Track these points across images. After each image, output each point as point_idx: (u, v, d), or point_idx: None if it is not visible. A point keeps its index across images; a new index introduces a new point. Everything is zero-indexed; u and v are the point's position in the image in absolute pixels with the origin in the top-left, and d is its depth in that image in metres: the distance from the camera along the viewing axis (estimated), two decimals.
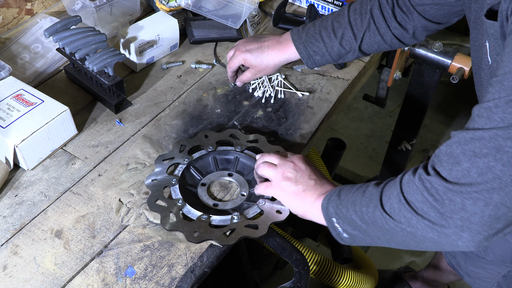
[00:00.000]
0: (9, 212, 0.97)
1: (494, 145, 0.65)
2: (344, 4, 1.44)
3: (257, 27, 1.48)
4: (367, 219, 0.79)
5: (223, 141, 1.10)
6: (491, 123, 0.66)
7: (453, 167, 0.68)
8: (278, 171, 0.94)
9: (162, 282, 0.86)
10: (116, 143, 1.12)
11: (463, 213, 0.67)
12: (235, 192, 1.03)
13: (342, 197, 0.84)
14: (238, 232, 0.92)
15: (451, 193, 0.68)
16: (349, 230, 0.83)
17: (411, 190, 0.73)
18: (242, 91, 1.26)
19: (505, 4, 0.71)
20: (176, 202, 0.96)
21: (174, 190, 0.99)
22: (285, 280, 1.12)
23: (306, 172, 0.93)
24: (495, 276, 1.16)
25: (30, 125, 1.03)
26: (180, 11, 1.42)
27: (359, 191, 0.83)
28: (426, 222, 0.70)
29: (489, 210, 0.66)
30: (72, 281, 0.86)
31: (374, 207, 0.77)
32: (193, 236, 0.90)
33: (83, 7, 1.35)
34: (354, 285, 1.43)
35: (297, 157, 0.96)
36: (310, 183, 0.92)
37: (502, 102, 0.65)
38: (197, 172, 1.05)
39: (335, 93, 1.27)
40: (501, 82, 0.66)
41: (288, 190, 0.92)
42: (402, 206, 0.73)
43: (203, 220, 0.93)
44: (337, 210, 0.84)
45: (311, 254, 1.35)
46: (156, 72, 1.31)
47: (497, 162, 0.65)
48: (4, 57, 1.28)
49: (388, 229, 0.76)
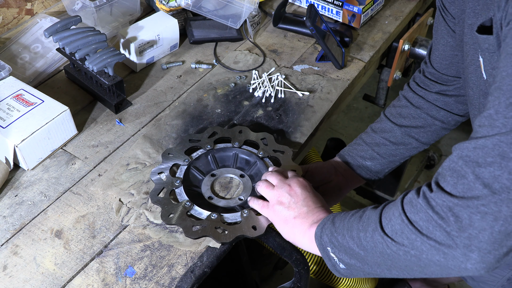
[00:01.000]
0: (9, 212, 0.97)
1: (498, 152, 0.61)
2: (344, 4, 1.44)
3: (257, 27, 1.48)
4: (365, 245, 0.74)
5: (221, 139, 1.10)
6: (493, 130, 0.62)
7: (458, 180, 0.64)
8: (274, 194, 0.91)
9: (162, 282, 0.86)
10: (116, 143, 1.12)
11: (471, 230, 0.62)
12: (235, 193, 1.03)
13: (337, 224, 0.80)
14: (261, 223, 0.92)
15: (457, 209, 0.63)
16: (345, 259, 0.78)
17: (414, 209, 0.68)
18: (242, 91, 1.26)
19: (498, 14, 0.70)
20: (183, 204, 0.95)
21: (179, 192, 0.98)
22: (285, 280, 1.12)
23: (301, 197, 0.89)
24: (500, 280, 1.14)
25: (30, 125, 1.03)
26: (180, 11, 1.42)
27: (355, 216, 0.78)
28: (432, 242, 0.65)
29: (499, 225, 0.61)
30: (72, 281, 0.86)
31: (373, 231, 0.73)
32: (192, 232, 0.90)
33: (83, 7, 1.35)
34: (354, 285, 1.43)
35: (295, 181, 0.92)
36: (302, 210, 0.88)
37: (502, 107, 0.62)
38: (198, 172, 1.05)
39: (335, 93, 1.27)
40: (500, 87, 0.63)
41: (280, 215, 0.89)
42: (405, 226, 0.68)
43: (213, 219, 0.93)
44: (331, 238, 0.79)
45: (311, 254, 1.35)
46: (156, 72, 1.31)
47: (503, 170, 0.60)
48: (4, 57, 1.28)
49: (389, 253, 0.71)
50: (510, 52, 0.64)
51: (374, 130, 1.14)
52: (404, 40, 1.48)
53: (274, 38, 1.45)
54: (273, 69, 1.32)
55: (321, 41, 1.26)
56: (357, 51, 1.40)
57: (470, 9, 0.83)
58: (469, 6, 0.83)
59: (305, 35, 1.45)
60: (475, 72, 0.85)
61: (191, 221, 0.92)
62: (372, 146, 1.12)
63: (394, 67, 1.56)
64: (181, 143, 1.07)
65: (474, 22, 0.81)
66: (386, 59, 1.61)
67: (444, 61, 1.06)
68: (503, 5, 0.69)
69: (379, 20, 1.52)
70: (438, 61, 1.07)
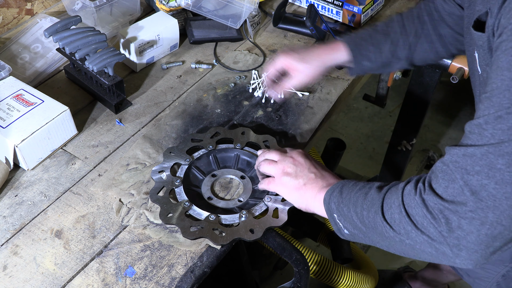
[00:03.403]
0: (9, 212, 0.97)
1: (486, 162, 0.65)
2: (344, 4, 1.44)
3: (257, 27, 1.48)
4: (367, 223, 0.79)
5: (223, 139, 1.10)
6: (482, 140, 0.66)
7: (449, 184, 0.69)
8: (278, 167, 0.94)
9: (162, 282, 0.86)
10: (116, 143, 1.12)
11: (459, 232, 0.67)
12: (235, 194, 1.03)
13: (344, 195, 0.84)
14: (262, 225, 0.93)
15: (447, 212, 0.68)
16: (349, 228, 0.83)
17: (412, 203, 0.72)
18: (242, 91, 1.26)
19: (491, 20, 0.72)
20: (182, 204, 0.96)
21: (179, 192, 0.98)
22: (285, 280, 1.12)
23: (306, 165, 0.94)
24: (494, 276, 1.16)
25: (30, 125, 1.03)
26: (180, 11, 1.42)
27: (361, 192, 0.82)
28: (425, 237, 0.70)
29: (485, 229, 0.65)
30: (72, 281, 0.86)
31: (375, 213, 0.77)
32: (189, 232, 0.90)
33: (83, 7, 1.35)
34: (354, 285, 1.43)
35: (296, 152, 0.97)
36: (310, 176, 0.92)
37: (492, 118, 0.66)
38: (199, 171, 1.05)
39: (335, 93, 1.27)
40: (490, 98, 0.67)
41: (289, 185, 0.93)
42: (403, 217, 0.72)
43: (211, 220, 0.93)
44: (338, 207, 0.84)
45: (311, 254, 1.35)
46: (156, 72, 1.31)
47: (490, 179, 0.65)
48: (4, 57, 1.28)
49: (387, 237, 0.76)
50: (500, 66, 0.67)
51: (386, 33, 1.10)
52: None
53: (274, 38, 1.45)
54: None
55: (321, 41, 1.26)
56: None
57: None
58: None
59: (305, 35, 1.45)
60: (471, 57, 0.88)
61: (189, 221, 0.92)
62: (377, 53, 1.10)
63: None
64: (183, 142, 1.08)
65: (481, 9, 0.81)
66: None
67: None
68: (496, 12, 0.70)
69: (379, 20, 1.52)
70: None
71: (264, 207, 0.97)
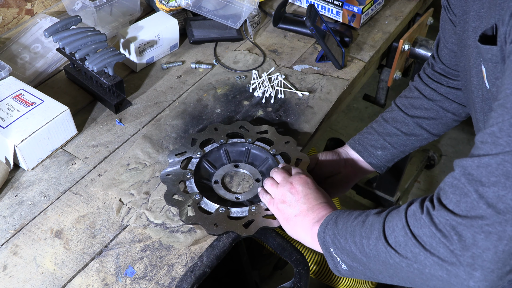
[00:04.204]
0: (9, 212, 0.97)
1: (503, 171, 0.60)
2: (344, 4, 1.44)
3: (257, 27, 1.48)
4: (368, 252, 0.73)
5: (233, 134, 1.10)
6: (496, 148, 0.61)
7: (461, 199, 0.63)
8: (277, 192, 0.93)
9: (162, 282, 0.86)
10: (116, 143, 1.12)
11: (474, 250, 0.61)
12: (249, 181, 1.03)
13: (340, 226, 0.79)
14: (257, 223, 0.93)
15: (461, 227, 0.62)
16: (348, 261, 0.78)
17: (418, 224, 0.67)
18: (242, 91, 1.26)
19: (502, 28, 0.69)
20: (193, 196, 0.96)
21: (190, 184, 0.99)
22: (285, 280, 1.12)
23: (302, 194, 0.90)
24: None
25: (30, 125, 1.03)
26: (180, 11, 1.42)
27: (358, 220, 0.78)
28: (435, 258, 0.64)
29: (503, 245, 0.60)
30: (72, 281, 0.86)
31: (376, 239, 0.72)
32: (214, 229, 0.91)
33: (83, 7, 1.35)
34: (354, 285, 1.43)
35: (297, 178, 0.93)
36: (303, 208, 0.89)
37: (506, 125, 0.61)
38: (210, 165, 1.06)
39: (335, 93, 1.27)
40: (504, 105, 0.63)
41: (283, 213, 0.91)
42: (409, 240, 0.67)
43: (221, 213, 0.94)
44: (334, 240, 0.79)
45: (311, 254, 1.35)
46: (156, 72, 1.31)
47: (507, 190, 0.60)
48: (4, 57, 1.28)
49: (392, 264, 0.70)
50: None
51: (385, 119, 1.13)
52: (404, 40, 1.48)
53: (274, 38, 1.45)
54: (273, 69, 1.32)
55: (321, 41, 1.26)
56: (357, 51, 1.41)
57: (474, 12, 0.82)
58: (473, 9, 0.82)
59: (305, 35, 1.45)
60: (477, 76, 0.85)
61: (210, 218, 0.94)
62: (384, 136, 1.11)
63: (394, 67, 1.56)
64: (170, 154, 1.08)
65: (478, 26, 0.80)
66: (386, 59, 1.61)
67: (454, 58, 1.05)
68: (507, 20, 0.68)
69: (379, 20, 1.52)
70: (448, 58, 1.07)
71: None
